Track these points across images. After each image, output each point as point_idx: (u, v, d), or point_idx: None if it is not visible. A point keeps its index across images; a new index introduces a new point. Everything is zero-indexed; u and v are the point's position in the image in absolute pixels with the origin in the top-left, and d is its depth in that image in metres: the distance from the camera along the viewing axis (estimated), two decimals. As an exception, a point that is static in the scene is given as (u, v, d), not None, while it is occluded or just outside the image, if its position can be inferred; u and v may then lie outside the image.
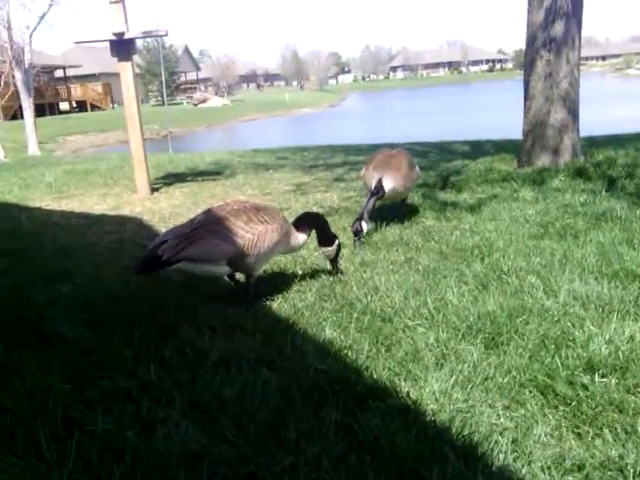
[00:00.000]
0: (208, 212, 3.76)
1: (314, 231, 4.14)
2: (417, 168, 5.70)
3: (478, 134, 14.49)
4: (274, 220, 3.79)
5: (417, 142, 13.37)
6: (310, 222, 4.13)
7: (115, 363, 2.96)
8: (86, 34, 8.12)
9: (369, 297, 3.73)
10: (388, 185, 5.17)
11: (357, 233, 4.93)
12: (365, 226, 4.95)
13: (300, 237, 4.04)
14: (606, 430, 2.29)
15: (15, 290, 4.18)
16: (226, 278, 3.99)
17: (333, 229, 4.38)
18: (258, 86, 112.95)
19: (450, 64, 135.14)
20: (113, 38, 7.80)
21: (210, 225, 3.60)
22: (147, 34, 8.39)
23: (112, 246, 5.54)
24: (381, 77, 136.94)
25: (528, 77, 8.07)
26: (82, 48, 49.03)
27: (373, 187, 5.12)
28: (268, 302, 3.79)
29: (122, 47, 7.92)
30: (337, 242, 4.15)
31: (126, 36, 7.81)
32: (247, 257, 3.65)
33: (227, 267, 3.68)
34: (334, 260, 4.21)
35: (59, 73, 50.62)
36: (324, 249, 4.16)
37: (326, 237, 4.13)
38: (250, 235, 3.63)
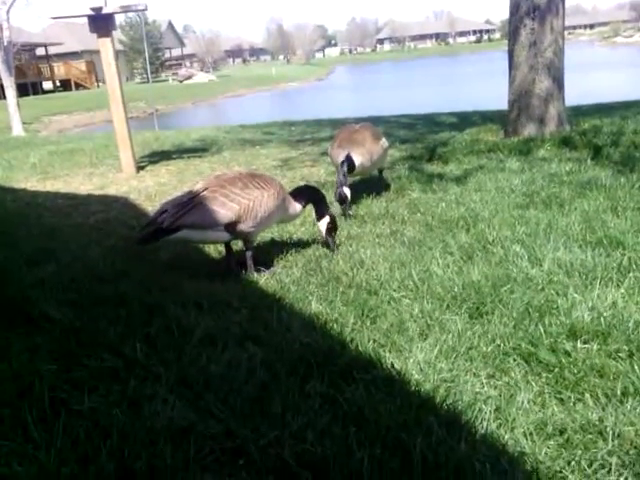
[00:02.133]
0: (206, 181, 3.85)
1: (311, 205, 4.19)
2: (383, 139, 5.67)
3: (465, 105, 14.42)
4: (270, 186, 3.88)
5: (404, 114, 13.31)
6: (307, 195, 4.19)
7: (101, 343, 2.96)
8: (63, 9, 7.94)
9: (355, 270, 3.74)
10: (356, 161, 5.16)
11: (343, 201, 4.94)
12: (348, 192, 4.94)
13: (297, 206, 4.12)
14: (587, 395, 2.32)
15: (0, 271, 4.15)
16: (221, 248, 4.06)
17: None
18: (244, 61, 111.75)
19: (437, 35, 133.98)
20: (91, 13, 7.64)
21: (207, 193, 3.69)
22: (126, 9, 8.20)
23: (98, 226, 5.51)
24: (368, 50, 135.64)
25: (512, 46, 8.02)
26: (63, 25, 48.24)
27: (340, 162, 5.09)
28: (255, 277, 3.80)
29: (101, 22, 7.77)
30: (327, 217, 4.14)
31: (104, 11, 7.64)
32: (244, 222, 3.74)
33: (226, 233, 3.77)
34: (328, 235, 4.18)
35: (41, 51, 49.76)
36: (319, 223, 4.20)
37: (320, 212, 4.16)
38: (246, 200, 3.73)
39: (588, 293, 3.13)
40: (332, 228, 4.17)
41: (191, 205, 3.61)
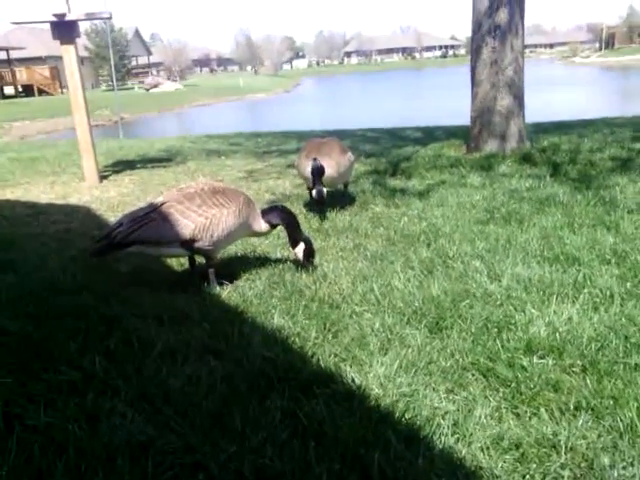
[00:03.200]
0: (167, 195, 3.79)
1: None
2: (349, 153, 5.74)
3: (430, 120, 14.64)
4: (231, 203, 3.77)
5: (369, 128, 13.42)
6: (280, 217, 3.99)
7: (59, 356, 2.92)
8: (25, 14, 7.81)
9: (318, 284, 3.76)
10: (327, 170, 5.21)
11: (322, 199, 5.09)
12: (325, 191, 5.05)
13: (262, 225, 3.97)
14: (542, 409, 2.38)
15: (-46, 283, 4.05)
16: (186, 263, 4.05)
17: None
18: (211, 70, 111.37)
19: (404, 50, 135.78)
20: (53, 19, 7.53)
21: (163, 208, 3.64)
22: (90, 16, 8.11)
23: (59, 236, 5.41)
24: (335, 62, 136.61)
25: (475, 64, 8.19)
26: (26, 29, 47.39)
27: (310, 171, 5.14)
28: (217, 291, 3.78)
29: (64, 29, 7.66)
30: (303, 244, 3.96)
31: (67, 18, 7.53)
32: (200, 240, 3.68)
33: (182, 250, 3.73)
34: (306, 260, 4.01)
35: (2, 55, 48.72)
36: (294, 251, 4.01)
37: (294, 239, 3.99)
38: (202, 219, 3.66)
39: (545, 308, 3.21)
40: (310, 253, 4.00)
41: (145, 220, 3.56)
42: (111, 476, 2.08)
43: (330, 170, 5.27)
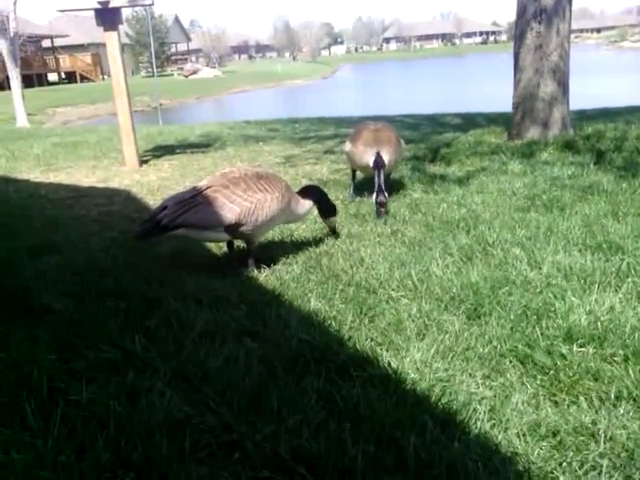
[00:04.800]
0: (210, 179, 3.81)
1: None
2: (402, 141, 5.67)
3: (471, 106, 14.43)
4: (274, 189, 3.83)
5: (409, 114, 13.31)
6: (314, 191, 4.24)
7: (101, 334, 2.98)
8: (70, 2, 7.96)
9: (354, 269, 3.76)
10: (386, 159, 5.13)
11: (383, 205, 4.92)
12: (386, 197, 4.96)
13: (306, 203, 4.14)
14: (582, 398, 2.34)
15: (2, 262, 4.18)
16: (224, 246, 4.08)
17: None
18: (250, 57, 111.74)
19: (443, 36, 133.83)
20: (98, 6, 7.65)
21: (209, 192, 3.65)
22: (133, 3, 8.22)
23: (100, 219, 5.53)
24: (374, 49, 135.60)
25: (518, 49, 8.02)
26: (69, 17, 48.24)
27: (373, 162, 5.05)
28: (255, 274, 3.81)
29: (107, 16, 7.79)
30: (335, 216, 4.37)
31: (111, 5, 7.66)
32: (244, 225, 3.71)
33: (226, 234, 3.75)
34: (335, 228, 4.45)
35: (46, 43, 49.75)
36: (330, 220, 4.35)
37: (329, 208, 4.29)
38: (247, 203, 3.69)
39: (586, 297, 3.14)
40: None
41: (192, 204, 3.57)
42: (150, 451, 2.12)
43: (389, 158, 5.14)
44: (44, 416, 2.32)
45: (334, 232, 4.47)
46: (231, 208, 3.65)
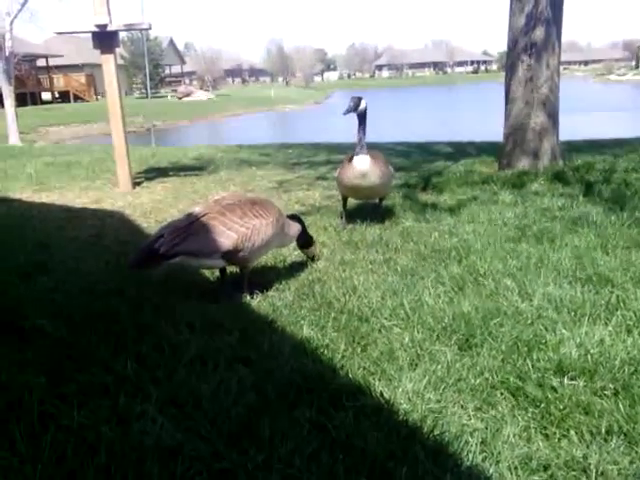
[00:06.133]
0: (204, 206, 3.82)
1: None
2: (391, 167, 5.76)
3: (461, 135, 14.59)
4: (269, 214, 3.89)
5: (400, 142, 13.44)
6: (297, 219, 4.35)
7: (92, 358, 2.98)
8: (68, 24, 8.03)
9: (347, 297, 3.77)
10: (374, 170, 5.24)
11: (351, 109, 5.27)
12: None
13: (297, 226, 4.25)
14: (572, 431, 2.35)
15: (-8, 283, 4.16)
16: (217, 271, 4.10)
17: (314, 228, 4.52)
18: (243, 81, 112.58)
19: (435, 64, 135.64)
20: (95, 30, 7.73)
21: (206, 219, 3.66)
22: (130, 27, 8.32)
23: (92, 240, 5.52)
24: (366, 75, 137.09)
25: (509, 81, 8.16)
26: (65, 38, 48.32)
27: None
28: (247, 300, 3.82)
29: (105, 39, 7.86)
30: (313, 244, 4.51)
31: (109, 28, 7.74)
32: (241, 251, 3.73)
33: (222, 260, 3.76)
34: (314, 257, 4.57)
35: (41, 62, 49.96)
36: (308, 250, 4.47)
37: (307, 238, 4.40)
38: (244, 229, 3.72)
39: (576, 329, 3.17)
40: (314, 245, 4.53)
41: (189, 232, 3.56)
42: (141, 479, 2.11)
43: (373, 177, 5.25)
44: (34, 441, 2.31)
45: (313, 259, 4.58)
46: (229, 235, 3.66)
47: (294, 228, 4.23)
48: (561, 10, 7.93)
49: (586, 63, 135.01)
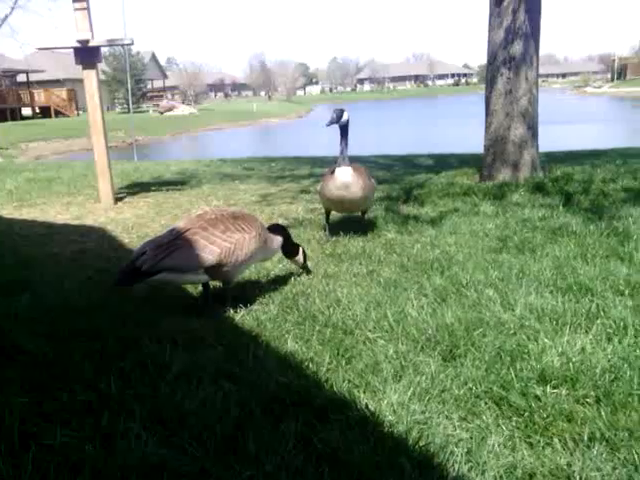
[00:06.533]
0: (186, 221, 3.81)
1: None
2: (373, 180, 5.83)
3: (443, 147, 14.73)
4: (252, 228, 3.89)
5: (382, 155, 13.54)
6: (281, 229, 4.36)
7: (75, 376, 2.95)
8: (50, 40, 8.04)
9: (331, 309, 3.78)
10: (356, 182, 5.28)
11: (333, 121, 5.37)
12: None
13: (278, 239, 4.23)
14: (556, 439, 2.38)
15: (-28, 301, 4.11)
16: (199, 286, 4.07)
17: (298, 241, 4.53)
18: (226, 95, 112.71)
19: (416, 77, 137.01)
20: (77, 45, 7.73)
21: (188, 235, 3.65)
22: (112, 42, 8.32)
23: (74, 256, 5.48)
24: (348, 89, 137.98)
25: (489, 93, 8.27)
26: (46, 53, 48.24)
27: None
28: (231, 314, 3.81)
29: (86, 55, 7.86)
30: (301, 249, 4.44)
31: (91, 44, 7.74)
32: (225, 265, 3.72)
33: (205, 275, 3.75)
34: (304, 265, 4.52)
35: (22, 78, 49.70)
36: (295, 258, 4.44)
37: (292, 246, 4.38)
38: (227, 244, 3.71)
39: (558, 338, 3.20)
40: (305, 258, 4.50)
41: (172, 248, 3.55)
42: (125, 497, 2.09)
43: (355, 189, 5.30)
44: (14, 461, 2.28)
45: (306, 269, 4.56)
46: (212, 249, 3.66)
47: (276, 241, 4.22)
48: (538, 25, 8.07)
49: (564, 75, 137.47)
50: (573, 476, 2.14)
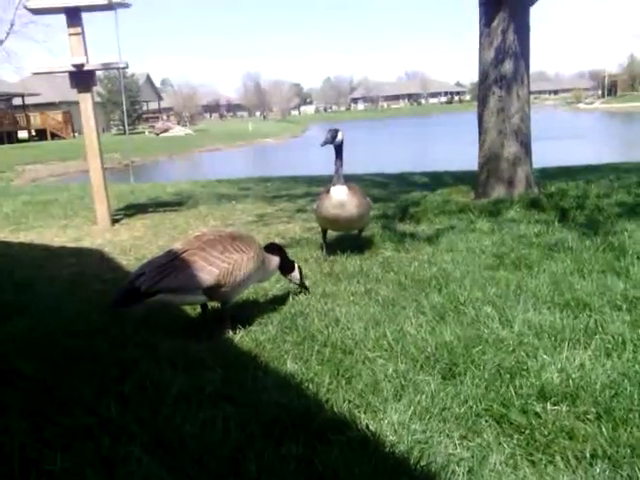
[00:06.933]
0: (184, 242, 3.83)
1: None
2: (369, 199, 5.87)
3: (437, 165, 14.82)
4: (250, 249, 3.90)
5: (378, 173, 13.60)
6: (275, 250, 4.34)
7: (75, 400, 2.94)
8: (45, 64, 8.11)
9: (330, 329, 3.78)
10: (351, 200, 5.32)
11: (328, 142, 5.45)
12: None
13: (276, 259, 4.25)
14: (558, 457, 2.37)
15: (-30, 326, 4.10)
16: (198, 307, 4.10)
17: (296, 260, 4.52)
18: (221, 116, 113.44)
19: (410, 96, 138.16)
20: (72, 69, 7.79)
21: (187, 256, 3.66)
22: (107, 66, 8.40)
23: (72, 279, 5.48)
24: (342, 108, 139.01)
25: (482, 112, 8.35)
26: (41, 76, 48.52)
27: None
28: (230, 335, 3.81)
29: (82, 78, 7.91)
30: (297, 265, 4.46)
31: (86, 68, 7.80)
32: (223, 286, 3.72)
33: (204, 296, 3.76)
34: (301, 282, 4.53)
35: (17, 101, 49.96)
36: (291, 275, 4.44)
37: (288, 264, 4.39)
38: (226, 264, 3.72)
39: (557, 355, 3.21)
40: (302, 275, 4.51)
41: (170, 269, 3.55)
42: (127, 522, 2.08)
43: (351, 207, 5.33)
44: (15, 488, 2.26)
45: (303, 286, 4.56)
46: (210, 270, 3.66)
47: (274, 261, 4.24)
48: (528, 44, 8.18)
49: (556, 92, 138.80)
50: (576, 494, 2.14)
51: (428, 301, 4.18)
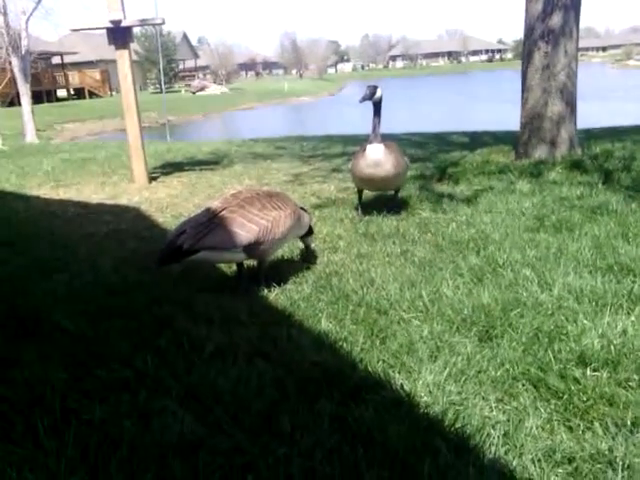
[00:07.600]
0: (223, 200, 3.83)
1: None
2: (407, 158, 5.74)
3: (477, 125, 14.46)
4: (287, 206, 3.92)
5: (416, 132, 13.36)
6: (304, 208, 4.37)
7: (112, 354, 2.99)
8: (83, 21, 8.09)
9: (365, 289, 3.76)
10: (387, 159, 5.22)
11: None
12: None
13: (307, 216, 4.26)
14: (596, 423, 2.32)
15: (12, 281, 4.20)
16: (233, 265, 4.12)
17: (331, 220, 4.49)
18: (257, 74, 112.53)
19: (449, 54, 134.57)
20: (110, 26, 7.76)
21: (226, 213, 3.67)
22: (144, 22, 8.34)
23: (110, 236, 5.55)
24: (380, 66, 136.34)
25: (526, 69, 8.05)
26: (79, 35, 48.69)
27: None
28: (265, 293, 3.82)
29: (119, 35, 7.88)
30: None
31: (123, 24, 7.76)
32: (263, 243, 3.74)
33: (243, 254, 3.77)
34: (310, 246, 4.53)
35: (56, 60, 50.33)
36: (307, 239, 4.42)
37: (310, 228, 4.37)
38: (265, 221, 3.73)
39: (598, 320, 3.12)
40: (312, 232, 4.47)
41: (211, 226, 3.57)
42: (163, 473, 2.12)
43: (387, 166, 5.23)
44: (57, 436, 2.33)
45: (309, 250, 4.52)
46: (250, 227, 3.67)
47: (307, 218, 4.25)
48: (579, -6, 7.80)
49: (604, 49, 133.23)
50: (615, 462, 2.09)
51: (466, 263, 4.11)
